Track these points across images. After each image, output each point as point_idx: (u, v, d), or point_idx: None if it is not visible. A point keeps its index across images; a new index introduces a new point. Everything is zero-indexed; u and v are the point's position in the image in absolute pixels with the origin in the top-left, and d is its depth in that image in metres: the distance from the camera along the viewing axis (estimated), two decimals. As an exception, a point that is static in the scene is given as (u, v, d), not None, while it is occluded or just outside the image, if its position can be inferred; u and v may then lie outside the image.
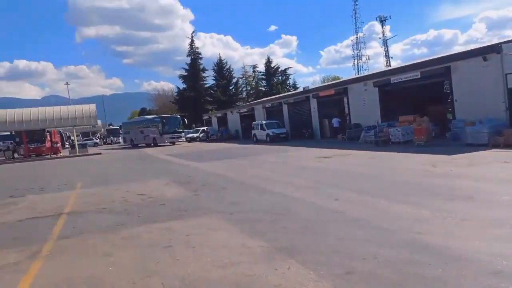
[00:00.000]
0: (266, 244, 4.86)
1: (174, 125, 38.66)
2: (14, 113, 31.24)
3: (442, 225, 5.16)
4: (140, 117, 50.94)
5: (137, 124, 43.99)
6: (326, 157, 15.03)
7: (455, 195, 6.93)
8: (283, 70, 64.54)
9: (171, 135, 37.61)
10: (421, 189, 7.68)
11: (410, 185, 8.23)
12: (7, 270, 4.61)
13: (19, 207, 9.18)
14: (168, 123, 38.02)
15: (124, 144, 47.46)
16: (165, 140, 37.43)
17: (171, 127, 38.01)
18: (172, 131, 37.68)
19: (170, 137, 37.57)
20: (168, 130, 37.53)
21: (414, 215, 5.77)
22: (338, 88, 26.68)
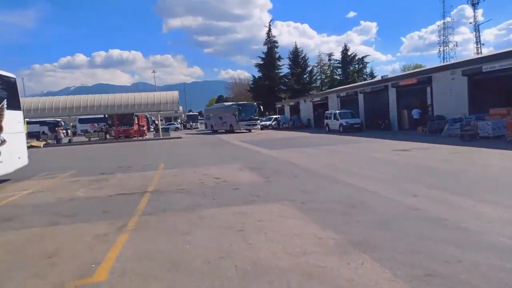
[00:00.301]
0: (339, 237, 4.76)
1: (250, 112, 38.89)
2: (107, 98, 34.41)
3: (541, 232, 4.59)
4: (220, 104, 51.97)
5: (216, 111, 45.11)
6: (404, 150, 14.21)
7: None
8: (360, 58, 61.97)
9: (247, 122, 37.99)
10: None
11: (501, 185, 7.45)
12: (99, 240, 5.12)
13: (109, 183, 10.13)
14: (245, 110, 38.37)
15: (205, 129, 48.97)
16: (240, 127, 37.90)
17: (247, 114, 38.34)
18: (248, 118, 38.03)
19: (245, 124, 37.98)
20: (244, 117, 37.92)
21: (506, 217, 5.22)
22: (421, 77, 24.94)
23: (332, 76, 63.26)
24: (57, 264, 4.31)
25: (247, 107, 39.72)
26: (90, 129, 45.58)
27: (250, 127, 38.61)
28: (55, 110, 33.43)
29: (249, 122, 38.18)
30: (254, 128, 39.13)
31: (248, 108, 39.42)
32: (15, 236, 5.53)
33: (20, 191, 9.57)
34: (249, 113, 38.57)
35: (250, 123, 38.31)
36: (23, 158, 12.14)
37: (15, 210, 7.36)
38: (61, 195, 8.72)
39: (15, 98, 11.93)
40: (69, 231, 5.66)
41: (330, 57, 64.46)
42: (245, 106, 39.86)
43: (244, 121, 37.81)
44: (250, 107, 40.06)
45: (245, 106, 39.94)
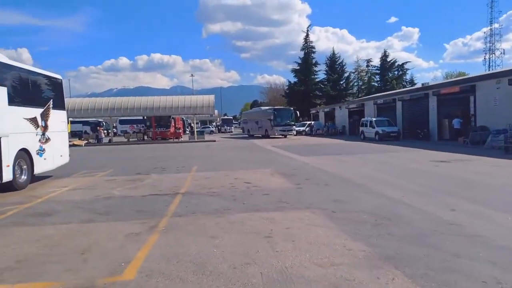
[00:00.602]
0: (369, 249, 4.61)
1: (286, 117, 37.65)
2: (147, 100, 35.59)
3: None
4: (257, 108, 50.79)
5: (253, 115, 44.17)
6: (443, 161, 13.63)
7: None
8: (400, 64, 60.35)
9: (282, 128, 36.78)
10: None
11: (551, 203, 6.94)
12: (130, 239, 5.26)
13: (144, 183, 10.41)
14: (280, 115, 37.28)
15: (242, 133, 48.81)
16: (275, 132, 36.75)
17: (283, 119, 37.15)
18: (283, 124, 36.84)
19: (280, 129, 36.82)
20: (280, 122, 36.78)
21: (555, 239, 4.85)
22: (464, 85, 23.89)
23: (370, 82, 61.99)
24: (89, 260, 4.46)
25: (283, 112, 38.69)
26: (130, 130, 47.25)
27: (286, 133, 37.36)
28: (97, 111, 34.94)
29: (285, 128, 36.94)
30: (289, 133, 37.82)
31: (283, 113, 38.31)
32: (53, 231, 5.78)
33: (60, 187, 10.05)
34: (284, 118, 37.40)
35: (286, 128, 37.06)
36: (65, 156, 12.75)
37: (55, 205, 7.71)
38: (98, 193, 9.06)
39: (60, 99, 12.57)
40: (103, 228, 5.85)
41: (368, 63, 63.31)
42: (280, 110, 38.87)
43: (279, 126, 36.67)
44: (286, 112, 38.90)
45: (281, 110, 38.92)
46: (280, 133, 36.93)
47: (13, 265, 4.37)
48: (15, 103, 9.70)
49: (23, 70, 10.49)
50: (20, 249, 4.94)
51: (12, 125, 9.35)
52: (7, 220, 6.56)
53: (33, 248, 4.97)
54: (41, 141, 10.98)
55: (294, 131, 38.87)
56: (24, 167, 10.09)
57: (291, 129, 37.75)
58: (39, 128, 10.86)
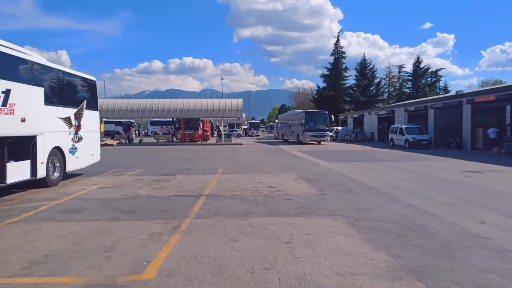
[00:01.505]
0: (392, 260, 4.49)
1: (320, 121, 34.38)
2: (177, 102, 36.29)
3: None
4: (291, 111, 47.17)
5: (287, 118, 41.36)
6: (475, 172, 13.10)
7: None
8: (433, 71, 58.55)
9: (314, 133, 33.82)
10: None
11: None
12: (153, 239, 5.37)
13: (170, 184, 10.60)
14: (313, 119, 34.24)
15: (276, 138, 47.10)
16: (306, 137, 34.06)
17: (316, 124, 34.07)
18: (316, 128, 33.86)
19: (312, 134, 33.88)
20: (312, 127, 33.85)
21: None
22: (500, 94, 22.90)
23: (401, 89, 60.53)
24: (112, 258, 4.59)
25: (316, 115, 35.32)
26: (159, 131, 48.30)
27: (318, 139, 34.24)
28: (129, 112, 35.96)
29: (317, 133, 33.85)
30: (323, 139, 34.57)
31: (316, 116, 34.98)
32: (79, 227, 5.99)
33: (90, 185, 10.40)
34: (318, 122, 34.17)
35: (318, 134, 33.89)
36: (96, 155, 13.19)
37: (84, 203, 7.99)
38: (125, 192, 9.31)
39: (93, 99, 13.04)
40: (128, 227, 6.00)
41: (400, 69, 61.81)
42: (313, 114, 35.75)
43: (311, 131, 33.71)
44: (319, 115, 35.34)
45: (314, 114, 35.79)
46: (311, 138, 34.22)
47: (41, 259, 4.56)
48: (51, 103, 10.15)
49: (60, 71, 10.97)
50: (48, 244, 5.15)
51: (47, 124, 9.78)
52: (39, 215, 6.85)
53: (60, 243, 5.16)
54: (74, 140, 11.41)
55: (328, 137, 35.72)
56: (57, 164, 10.52)
57: (324, 134, 34.42)
58: (72, 127, 11.30)
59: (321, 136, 34.26)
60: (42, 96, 9.53)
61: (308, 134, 33.82)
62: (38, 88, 9.45)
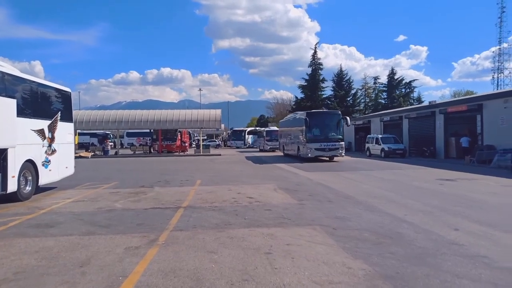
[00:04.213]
0: (370, 268, 4.55)
1: (329, 126, 23.74)
2: (154, 113, 35.92)
3: None
4: (292, 114, 33.03)
5: (287, 124, 30.80)
6: (449, 180, 13.48)
7: None
8: (407, 82, 60.30)
9: (320, 144, 23.04)
10: None
11: (558, 225, 6.81)
12: (130, 253, 5.25)
13: (147, 196, 10.43)
14: (318, 123, 23.74)
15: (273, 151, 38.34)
16: (308, 151, 23.09)
17: (324, 130, 23.56)
18: (323, 138, 23.27)
19: (318, 147, 23.03)
20: (318, 136, 23.43)
21: (560, 262, 4.75)
22: (471, 104, 23.80)
23: (377, 99, 61.95)
24: (87, 273, 4.46)
25: (323, 117, 24.76)
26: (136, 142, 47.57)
27: (327, 153, 23.25)
28: (105, 123, 35.31)
29: (325, 145, 22.99)
30: (335, 154, 23.39)
31: (323, 119, 24.42)
32: (53, 242, 5.80)
33: (63, 199, 10.10)
34: (326, 127, 23.62)
35: (327, 146, 23.00)
36: (70, 167, 12.85)
37: (57, 217, 7.75)
38: (100, 205, 9.09)
39: (68, 111, 12.76)
40: (103, 241, 5.85)
41: (376, 80, 63.36)
42: (319, 116, 24.84)
43: (316, 141, 23.14)
44: (327, 117, 24.68)
45: (319, 116, 24.92)
46: (316, 153, 23.07)
47: (11, 276, 4.38)
48: (24, 114, 9.86)
49: (33, 82, 10.70)
50: (19, 260, 4.95)
51: (19, 136, 9.48)
52: (9, 231, 6.60)
53: (32, 260, 4.98)
54: (47, 153, 11.10)
55: (342, 150, 23.66)
56: (29, 178, 10.18)
57: (336, 146, 23.25)
58: (45, 139, 10.99)
59: (332, 150, 23.11)
60: (14, 108, 9.25)
61: (311, 146, 23.05)
62: (10, 99, 9.17)
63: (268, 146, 40.16)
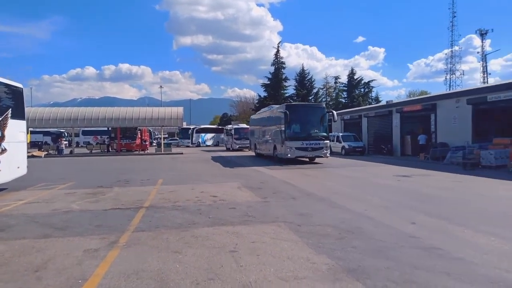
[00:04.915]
0: (333, 262, 4.66)
1: (312, 121, 20.30)
2: (112, 111, 34.69)
3: (540, 267, 4.47)
4: (266, 108, 28.52)
5: (261, 120, 26.68)
6: (405, 176, 14.10)
7: (560, 234, 6.00)
8: (366, 82, 62.43)
9: (302, 143, 19.66)
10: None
11: (500, 216, 7.33)
12: (89, 255, 5.04)
13: (106, 197, 10.06)
14: (299, 118, 20.07)
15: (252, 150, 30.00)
16: (288, 151, 19.64)
17: (306, 127, 20.15)
18: (304, 136, 19.82)
19: (298, 146, 19.65)
20: (299, 133, 19.90)
21: (503, 250, 5.11)
22: (425, 104, 25.03)
23: (337, 99, 63.61)
24: (43, 278, 4.23)
25: (305, 111, 21.02)
26: (93, 141, 45.81)
27: (310, 153, 20.10)
28: (59, 121, 33.67)
29: (308, 144, 19.73)
30: (318, 154, 20.25)
31: (306, 112, 20.72)
32: (4, 247, 5.44)
33: (15, 201, 9.53)
34: (309, 123, 20.25)
35: (310, 144, 19.75)
36: (22, 167, 12.14)
37: (9, 220, 7.29)
38: (56, 206, 8.66)
39: (20, 108, 12.03)
40: (60, 244, 5.58)
41: (336, 80, 65.01)
42: (300, 109, 21.20)
43: (296, 139, 19.67)
44: (310, 111, 21.01)
45: (301, 109, 21.27)
46: (298, 153, 19.84)
47: (-43, 284, 4.07)
48: (-31, 111, 9.18)
49: (-21, 77, 9.98)
50: (-34, 267, 4.61)
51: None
52: (-46, 236, 6.12)
53: (-19, 266, 4.65)
54: (-4, 152, 10.41)
55: (327, 150, 20.46)
56: (-24, 179, 9.50)
57: (319, 145, 20.02)
58: (-6, 138, 10.30)
59: (315, 149, 19.98)
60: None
61: (291, 145, 19.66)
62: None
63: (236, 145, 38.50)
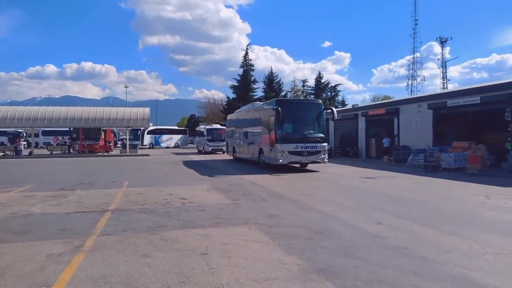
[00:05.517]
0: (303, 263, 4.71)
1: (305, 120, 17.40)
2: (75, 110, 33.41)
3: (494, 263, 4.74)
4: (249, 105, 25.41)
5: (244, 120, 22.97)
6: (370, 178, 14.52)
7: (509, 231, 6.42)
8: (333, 86, 63.82)
9: (296, 146, 16.64)
10: (471, 221, 7.16)
11: (460, 216, 7.70)
12: (52, 261, 4.81)
13: (68, 200, 9.67)
14: (291, 116, 16.99)
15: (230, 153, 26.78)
16: (278, 156, 16.57)
17: (299, 127, 17.18)
18: (297, 138, 16.77)
19: (292, 150, 16.61)
20: (290, 134, 16.85)
21: (463, 248, 5.37)
22: (389, 108, 25.88)
23: (305, 102, 64.53)
24: (2, 285, 3.99)
25: (298, 108, 17.99)
26: (53, 142, 43.91)
27: (305, 158, 16.90)
28: (18, 120, 32.03)
29: (302, 146, 16.69)
30: (314, 160, 17.11)
31: (299, 110, 17.72)
32: (-43, 253, 5.10)
33: (-31, 204, 8.96)
34: (302, 122, 17.31)
35: (304, 148, 16.71)
36: (-23, 169, 11.43)
37: (-39, 225, 6.84)
38: (14, 210, 8.23)
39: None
40: (20, 249, 5.29)
41: (304, 83, 65.97)
42: (292, 106, 18.09)
43: (289, 142, 16.62)
44: (304, 107, 18.14)
45: (293, 106, 18.22)
46: (290, 158, 16.73)
47: None
48: None
49: None
50: None
51: None
52: None
53: None
54: None
55: (324, 154, 17.36)
56: None
57: (316, 149, 16.95)
58: None
59: (311, 154, 16.90)
60: None
61: (283, 149, 16.58)
62: None
63: (209, 147, 35.30)
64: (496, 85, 19.02)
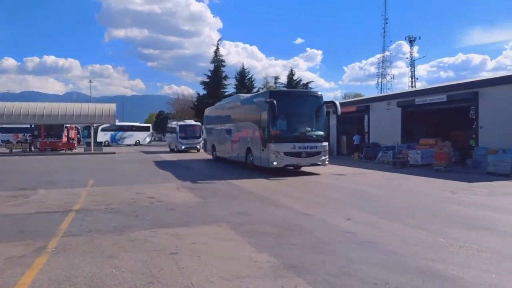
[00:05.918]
0: (274, 260, 4.71)
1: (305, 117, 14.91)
2: (36, 106, 31.88)
3: (457, 255, 4.94)
4: (234, 97, 22.75)
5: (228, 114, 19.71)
6: (340, 175, 14.78)
7: (473, 224, 6.69)
8: (305, 83, 64.22)
9: (293, 146, 14.14)
10: (437, 215, 7.43)
11: (426, 210, 7.98)
12: (12, 264, 4.56)
13: (29, 200, 9.23)
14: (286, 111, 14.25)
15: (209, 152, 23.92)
16: (272, 157, 14.13)
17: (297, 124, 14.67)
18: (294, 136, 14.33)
19: (288, 150, 14.11)
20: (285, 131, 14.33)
21: (429, 241, 5.56)
22: (360, 106, 26.43)
23: (276, 99, 64.72)
24: (-46, 293, 3.73)
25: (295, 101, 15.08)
26: (13, 139, 41.82)
27: (304, 160, 14.48)
28: (-28, 117, 30.23)
29: (300, 146, 14.23)
30: (314, 161, 14.64)
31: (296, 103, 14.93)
32: None
33: None
34: (300, 117, 14.86)
35: (303, 148, 14.27)
36: None
37: None
38: (-31, 212, 7.74)
39: None
40: (-26, 253, 4.97)
41: (276, 80, 65.99)
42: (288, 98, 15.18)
43: (286, 141, 14.15)
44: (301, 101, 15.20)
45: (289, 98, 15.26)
46: (286, 160, 14.26)
47: None
48: None
49: None
50: None
51: None
52: None
53: None
54: None
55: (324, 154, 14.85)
56: None
57: (316, 149, 14.54)
58: None
59: (310, 155, 14.45)
60: None
61: (277, 149, 14.13)
62: None
63: (182, 145, 32.72)
64: (462, 84, 19.89)
